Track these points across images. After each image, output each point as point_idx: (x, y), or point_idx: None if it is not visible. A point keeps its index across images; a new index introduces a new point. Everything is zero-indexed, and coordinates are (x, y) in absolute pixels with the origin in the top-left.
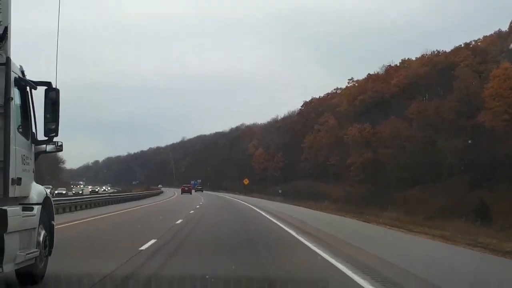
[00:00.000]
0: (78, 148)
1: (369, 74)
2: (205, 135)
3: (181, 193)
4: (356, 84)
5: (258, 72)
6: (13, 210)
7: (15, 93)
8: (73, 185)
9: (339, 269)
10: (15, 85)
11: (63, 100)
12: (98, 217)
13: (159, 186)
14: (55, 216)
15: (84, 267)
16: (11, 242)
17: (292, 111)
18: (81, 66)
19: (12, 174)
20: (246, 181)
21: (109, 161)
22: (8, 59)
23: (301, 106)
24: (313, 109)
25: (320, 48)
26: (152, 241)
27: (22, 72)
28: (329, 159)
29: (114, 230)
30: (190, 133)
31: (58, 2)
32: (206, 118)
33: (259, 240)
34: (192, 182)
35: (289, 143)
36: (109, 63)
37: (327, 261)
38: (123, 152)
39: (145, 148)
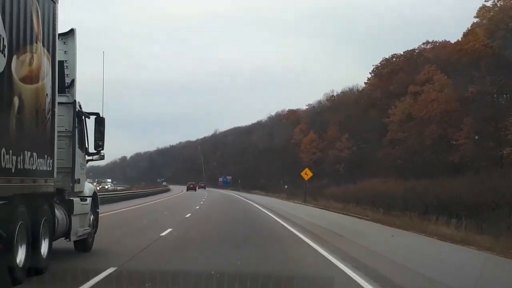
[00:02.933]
0: (106, 144)
1: None
2: (239, 127)
3: (187, 190)
4: None
5: (296, 65)
6: (76, 200)
7: (76, 121)
8: (99, 183)
9: None
10: (77, 116)
11: (93, 94)
12: None
13: (164, 183)
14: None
15: None
16: (75, 221)
17: (352, 86)
18: (114, 61)
19: (75, 176)
20: (307, 174)
21: (138, 157)
22: (74, 101)
23: (375, 68)
24: (400, 66)
25: (355, 40)
26: None
27: (80, 106)
28: (451, 136)
29: None
30: (224, 126)
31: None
32: (242, 112)
33: None
34: (220, 179)
35: (359, 120)
36: (141, 57)
37: None
38: (152, 147)
39: (174, 143)
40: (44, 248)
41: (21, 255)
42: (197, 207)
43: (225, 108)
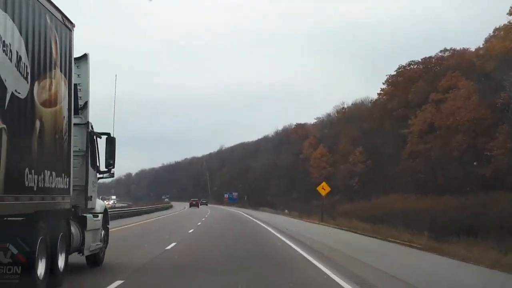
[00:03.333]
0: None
1: None
2: (246, 142)
3: (189, 207)
4: None
5: (302, 80)
6: (89, 216)
7: (89, 141)
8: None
9: None
10: (89, 136)
11: (98, 114)
12: None
13: (166, 199)
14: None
15: None
16: (88, 237)
17: (364, 98)
18: (120, 79)
19: (88, 194)
20: (324, 189)
21: (142, 174)
22: (87, 122)
23: (389, 77)
24: (418, 74)
25: (358, 58)
26: None
27: (92, 127)
28: (482, 146)
29: None
30: (230, 142)
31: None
32: (248, 127)
33: None
34: (226, 195)
35: (373, 132)
36: (144, 75)
37: None
38: (157, 164)
39: (180, 159)
40: (61, 262)
41: (41, 269)
42: (191, 231)
43: (231, 123)
